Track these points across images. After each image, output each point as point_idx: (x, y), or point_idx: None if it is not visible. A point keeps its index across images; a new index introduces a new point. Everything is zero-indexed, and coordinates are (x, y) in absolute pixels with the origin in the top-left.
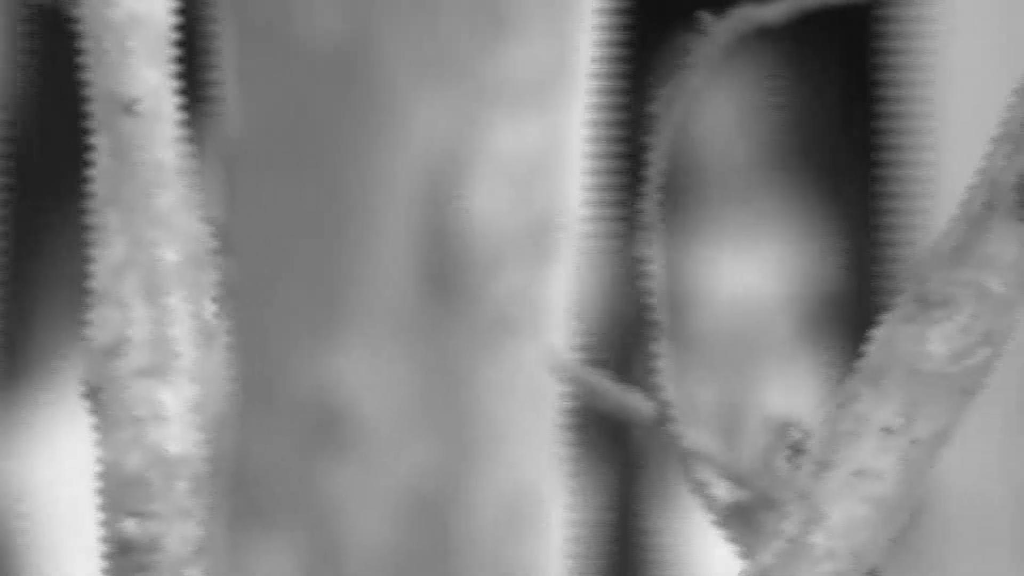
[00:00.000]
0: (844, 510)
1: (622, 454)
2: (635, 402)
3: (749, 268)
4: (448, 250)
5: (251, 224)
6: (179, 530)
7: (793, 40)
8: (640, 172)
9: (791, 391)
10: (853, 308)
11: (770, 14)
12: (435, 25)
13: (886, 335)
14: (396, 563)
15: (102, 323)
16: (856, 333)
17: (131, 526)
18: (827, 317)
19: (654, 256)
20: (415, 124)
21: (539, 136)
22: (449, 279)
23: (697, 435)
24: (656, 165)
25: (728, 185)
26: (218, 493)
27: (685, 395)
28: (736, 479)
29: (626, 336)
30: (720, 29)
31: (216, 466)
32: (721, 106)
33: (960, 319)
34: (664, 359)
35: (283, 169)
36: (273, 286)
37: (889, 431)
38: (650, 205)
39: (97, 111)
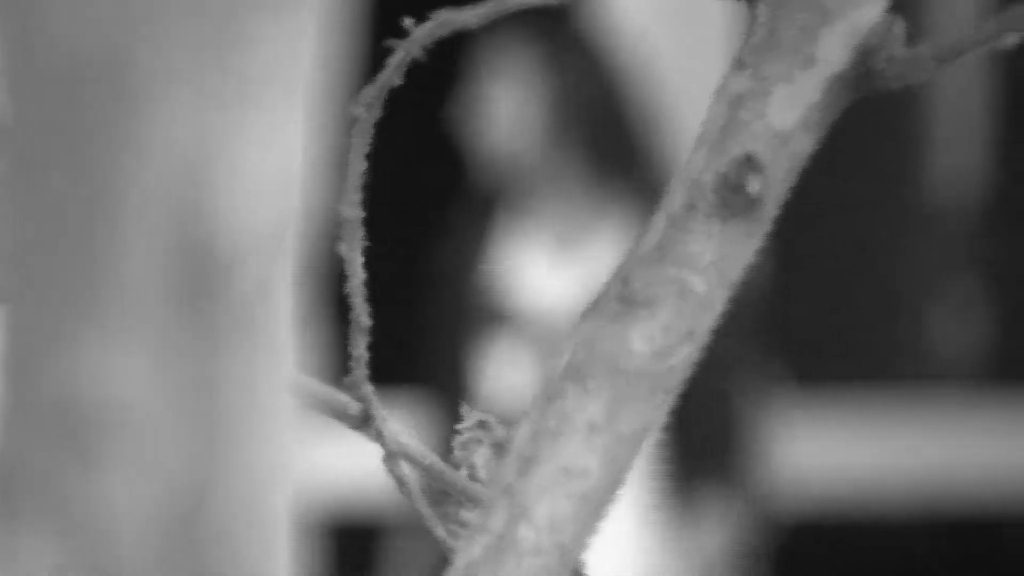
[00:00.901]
0: (550, 506)
1: None
2: (341, 401)
3: (565, 271)
4: (196, 250)
5: (8, 226)
6: None
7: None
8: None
9: None
10: None
11: (470, 17)
12: (182, 30)
13: (589, 334)
14: (153, 560)
15: None
16: None
17: None
18: None
19: (356, 256)
20: (163, 127)
21: (280, 138)
22: (197, 279)
23: (399, 433)
24: (356, 165)
25: (543, 189)
26: None
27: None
28: (436, 475)
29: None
30: (420, 32)
31: None
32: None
33: (662, 318)
34: (365, 358)
35: (38, 171)
36: (29, 289)
37: (593, 428)
38: (351, 205)
39: None
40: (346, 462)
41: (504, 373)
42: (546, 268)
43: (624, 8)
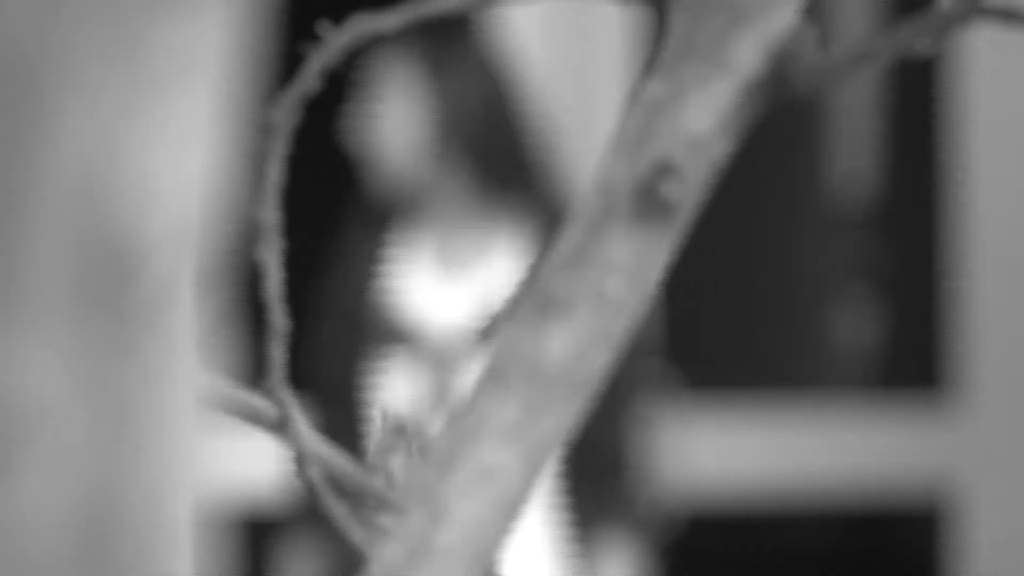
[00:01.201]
0: (468, 509)
1: None
2: (256, 405)
3: (455, 286)
4: (102, 250)
5: None
6: None
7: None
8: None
9: None
10: None
11: (387, 24)
12: (88, 31)
13: (509, 337)
14: (65, 559)
15: None
16: None
17: None
18: None
19: (273, 262)
20: (69, 127)
21: (187, 138)
22: (103, 278)
23: (314, 438)
24: (274, 171)
25: (434, 204)
26: None
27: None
28: (351, 480)
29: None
30: (337, 38)
31: None
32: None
33: (580, 321)
34: (282, 363)
35: None
36: None
37: (511, 431)
38: (269, 211)
39: None
40: (252, 460)
41: (395, 388)
42: (437, 283)
43: (516, 22)
